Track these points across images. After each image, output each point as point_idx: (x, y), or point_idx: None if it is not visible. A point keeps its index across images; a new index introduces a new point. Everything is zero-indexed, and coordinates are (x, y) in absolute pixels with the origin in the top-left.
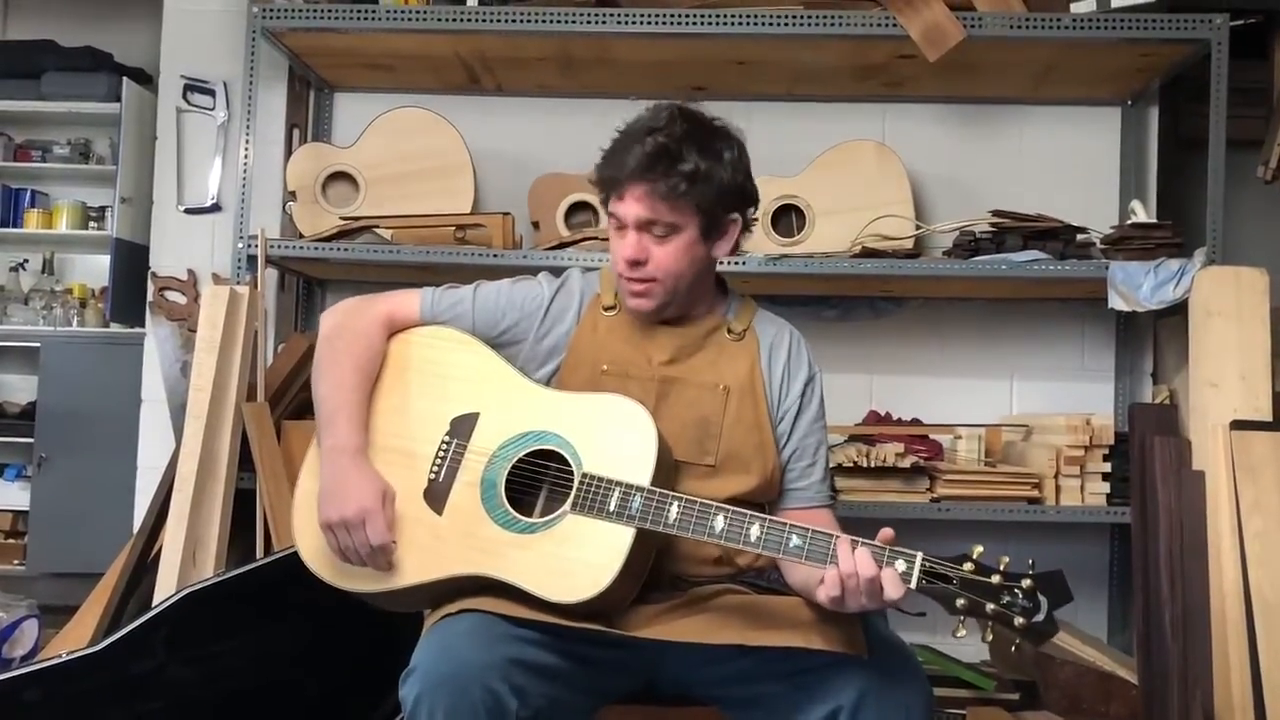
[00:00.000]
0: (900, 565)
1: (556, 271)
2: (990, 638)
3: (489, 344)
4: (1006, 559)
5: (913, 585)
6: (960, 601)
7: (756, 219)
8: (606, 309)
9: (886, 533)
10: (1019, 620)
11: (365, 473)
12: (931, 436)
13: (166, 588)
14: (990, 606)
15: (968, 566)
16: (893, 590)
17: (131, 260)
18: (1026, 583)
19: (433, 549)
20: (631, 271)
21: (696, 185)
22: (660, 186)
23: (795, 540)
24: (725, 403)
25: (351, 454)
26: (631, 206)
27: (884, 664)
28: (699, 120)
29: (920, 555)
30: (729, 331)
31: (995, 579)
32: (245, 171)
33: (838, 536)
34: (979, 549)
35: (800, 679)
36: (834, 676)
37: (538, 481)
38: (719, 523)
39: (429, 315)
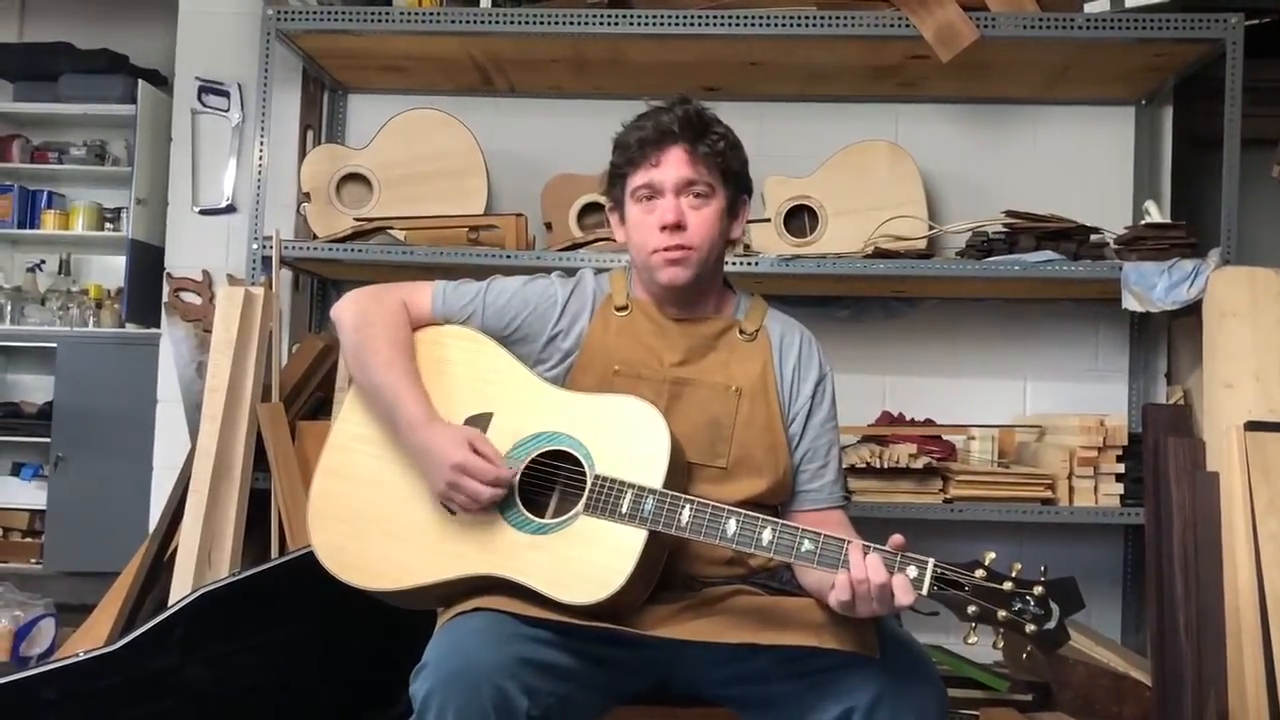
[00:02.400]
0: (912, 571)
1: (569, 272)
2: (1001, 644)
3: (498, 341)
4: (1019, 565)
5: (924, 591)
6: (972, 608)
7: (767, 219)
8: (618, 309)
9: (897, 539)
10: (1030, 627)
11: (442, 432)
12: (944, 437)
13: (182, 587)
14: (1002, 613)
15: (979, 573)
16: (904, 596)
17: (147, 261)
18: (1038, 590)
19: (446, 549)
20: (671, 237)
21: (729, 150)
22: (701, 147)
23: (807, 545)
24: (737, 405)
25: (425, 424)
26: (672, 168)
27: (898, 665)
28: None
29: (932, 561)
30: (741, 332)
31: (1007, 586)
32: (260, 173)
33: (850, 542)
34: (991, 555)
35: (813, 679)
36: (847, 677)
37: (550, 482)
38: (731, 526)
39: (440, 310)
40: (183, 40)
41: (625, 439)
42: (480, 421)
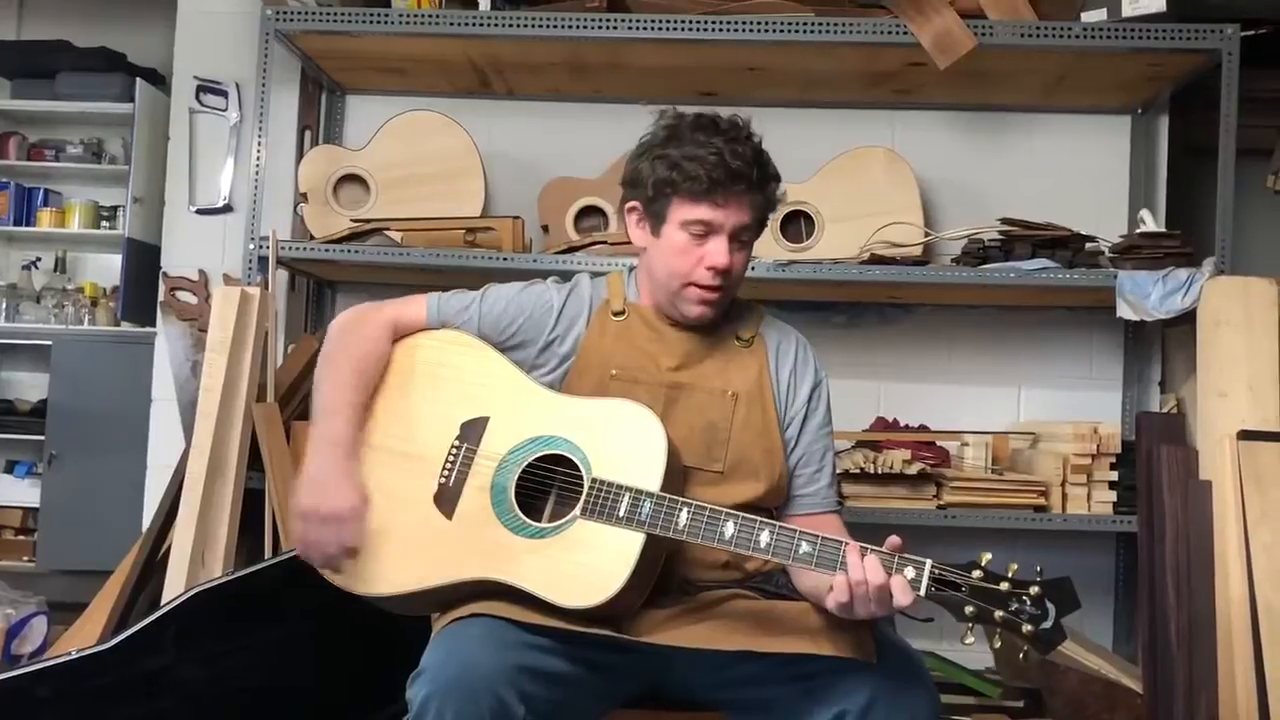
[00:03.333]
0: (909, 572)
1: (564, 276)
2: (998, 645)
3: (495, 347)
4: (1015, 566)
5: (922, 592)
6: (969, 609)
7: None
8: (615, 314)
9: (894, 540)
10: (1026, 627)
11: (353, 471)
12: (939, 443)
13: (175, 586)
14: (998, 613)
15: (976, 574)
16: (902, 597)
17: (143, 260)
18: (1034, 590)
19: (443, 553)
20: (715, 279)
21: (778, 194)
22: (761, 196)
23: (805, 547)
24: (733, 409)
25: (345, 449)
26: (735, 213)
27: (893, 670)
28: None
29: (929, 562)
30: (737, 339)
31: (1004, 586)
32: (257, 173)
33: (847, 543)
34: (987, 556)
35: (808, 683)
36: (842, 681)
37: (547, 486)
38: (729, 529)
39: (435, 320)
40: (181, 39)
41: (622, 442)
42: (476, 426)
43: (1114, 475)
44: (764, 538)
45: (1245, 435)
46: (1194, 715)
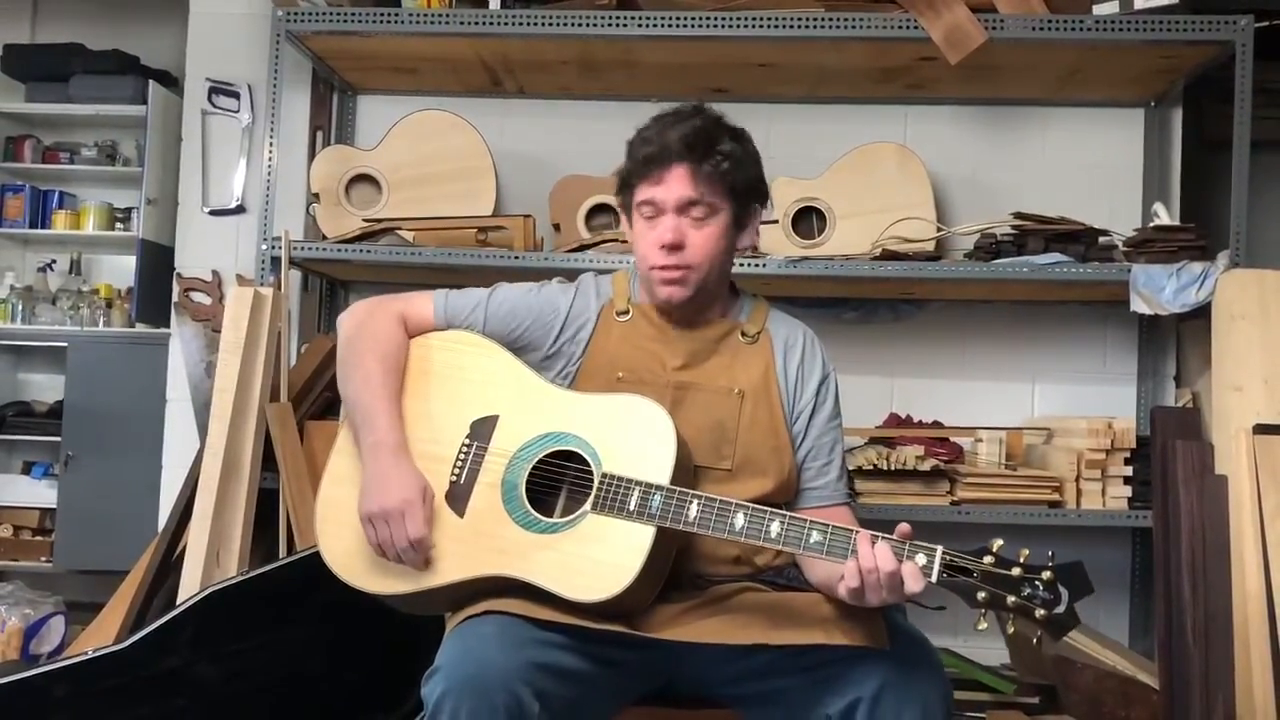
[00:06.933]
0: (921, 559)
1: (570, 276)
2: (1012, 631)
3: (504, 346)
4: (1026, 551)
5: (933, 578)
6: (981, 594)
7: (775, 220)
8: (620, 314)
9: (904, 528)
10: (1039, 612)
11: (406, 467)
12: (952, 439)
13: (191, 586)
14: (1011, 599)
15: (988, 559)
16: (913, 583)
17: (157, 261)
18: (1047, 574)
19: (455, 551)
20: (668, 257)
21: (734, 168)
22: (704, 166)
23: (815, 536)
24: (740, 407)
25: (392, 449)
26: (673, 187)
27: (903, 656)
28: (720, 115)
29: (940, 549)
30: (743, 334)
31: (1015, 571)
32: (269, 173)
33: (857, 531)
34: (999, 542)
35: (820, 672)
36: (853, 669)
37: (557, 482)
38: (739, 520)
39: (442, 318)
40: (193, 41)
41: (632, 437)
42: (486, 424)
43: (1129, 470)
44: (774, 528)
45: (1261, 429)
46: (1211, 710)
